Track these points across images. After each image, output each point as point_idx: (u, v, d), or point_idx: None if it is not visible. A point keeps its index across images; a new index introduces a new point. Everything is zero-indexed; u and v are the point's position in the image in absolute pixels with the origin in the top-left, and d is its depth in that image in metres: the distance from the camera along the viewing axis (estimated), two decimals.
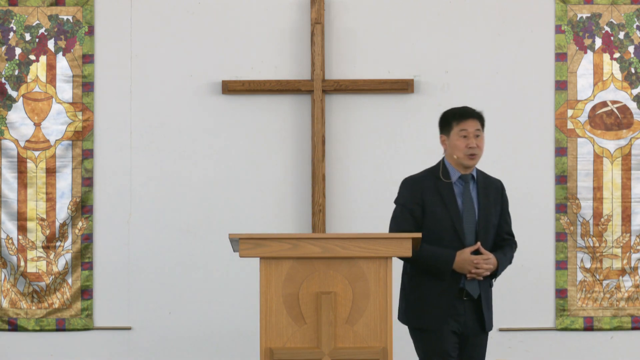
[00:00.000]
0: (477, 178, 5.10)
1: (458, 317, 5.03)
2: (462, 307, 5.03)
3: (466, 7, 6.80)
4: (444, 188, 5.04)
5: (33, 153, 6.77)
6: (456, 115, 5.08)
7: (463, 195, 5.05)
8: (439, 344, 5.04)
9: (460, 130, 5.03)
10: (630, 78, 6.78)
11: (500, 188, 5.19)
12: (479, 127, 5.06)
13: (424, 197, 5.07)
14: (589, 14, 6.78)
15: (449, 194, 5.04)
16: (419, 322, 5.10)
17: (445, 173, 5.08)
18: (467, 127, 5.03)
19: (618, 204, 6.75)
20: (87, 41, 6.79)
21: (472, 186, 5.09)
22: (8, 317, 6.75)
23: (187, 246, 6.74)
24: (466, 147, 5.02)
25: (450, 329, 5.02)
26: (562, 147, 6.76)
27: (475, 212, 5.04)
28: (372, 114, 6.78)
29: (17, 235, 6.76)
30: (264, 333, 4.65)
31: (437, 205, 5.02)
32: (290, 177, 6.78)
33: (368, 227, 6.68)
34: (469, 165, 5.06)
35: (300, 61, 6.79)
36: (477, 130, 5.04)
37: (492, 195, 5.10)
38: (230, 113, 6.79)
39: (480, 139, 5.04)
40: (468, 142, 5.01)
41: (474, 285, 5.03)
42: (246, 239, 4.67)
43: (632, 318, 6.74)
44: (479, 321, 5.06)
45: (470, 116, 5.06)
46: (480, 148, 5.04)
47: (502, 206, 5.15)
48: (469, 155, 5.02)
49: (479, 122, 5.07)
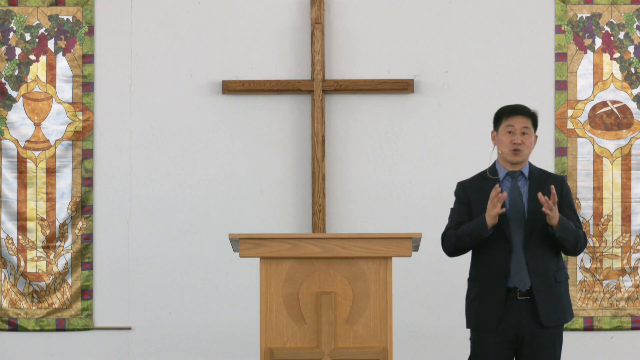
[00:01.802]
0: (530, 174, 5.04)
1: (509, 317, 4.94)
2: (512, 306, 4.93)
3: (466, 7, 6.80)
4: (489, 186, 4.98)
5: (33, 153, 6.77)
6: (506, 111, 5.06)
7: (511, 192, 4.99)
8: (478, 348, 5.01)
9: (507, 126, 5.01)
10: (630, 78, 6.78)
11: (560, 182, 5.06)
12: (528, 124, 5.01)
13: (470, 196, 5.04)
14: (589, 14, 6.78)
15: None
16: (469, 322, 5.07)
17: (492, 171, 5.06)
18: (515, 122, 5.00)
19: (618, 204, 6.75)
20: (87, 41, 6.79)
21: (523, 182, 5.02)
22: (8, 317, 6.75)
23: (187, 246, 6.74)
24: (511, 143, 4.98)
25: (494, 336, 4.94)
26: (562, 147, 6.76)
27: (524, 208, 4.96)
28: (372, 114, 6.78)
29: (17, 235, 6.76)
30: (264, 333, 4.65)
31: (482, 203, 4.95)
32: (290, 177, 6.78)
33: (368, 227, 6.69)
34: (513, 161, 5.01)
35: (300, 61, 6.79)
36: (524, 128, 5.00)
37: (549, 190, 4.95)
38: (230, 113, 6.79)
39: (527, 137, 4.99)
40: (513, 137, 4.98)
41: (521, 278, 4.92)
42: (246, 239, 4.67)
43: (632, 318, 6.74)
44: (533, 317, 4.94)
45: (520, 113, 5.03)
46: (526, 145, 4.98)
47: (561, 199, 5.00)
48: (513, 151, 4.98)
49: (530, 119, 5.03)
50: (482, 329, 5.00)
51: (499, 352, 4.97)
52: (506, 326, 4.95)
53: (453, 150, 6.75)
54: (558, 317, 4.99)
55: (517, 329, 4.95)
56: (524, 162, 5.05)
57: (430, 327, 6.67)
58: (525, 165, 5.06)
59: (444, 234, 5.10)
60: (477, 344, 5.03)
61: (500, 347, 4.97)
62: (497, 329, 4.95)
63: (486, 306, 4.97)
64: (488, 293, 4.97)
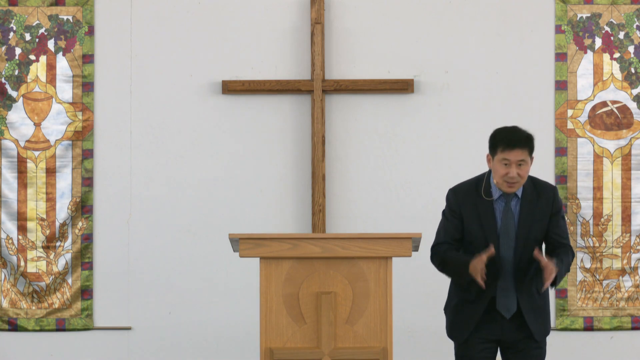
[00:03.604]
0: (523, 193, 4.92)
1: (493, 325, 4.92)
2: (497, 318, 4.91)
3: (466, 7, 6.80)
4: (482, 206, 4.91)
5: (33, 153, 6.77)
6: (503, 141, 4.86)
7: (503, 214, 4.91)
8: (463, 350, 4.99)
9: (503, 159, 4.84)
10: (630, 78, 6.78)
11: (552, 198, 4.96)
12: (525, 156, 4.84)
13: (463, 211, 4.94)
14: (589, 14, 6.78)
15: (487, 213, 4.91)
16: (450, 332, 5.06)
17: (487, 190, 4.94)
18: (511, 157, 4.82)
19: (618, 204, 6.75)
20: (87, 41, 6.79)
21: (516, 202, 4.92)
22: (8, 317, 6.75)
23: (187, 246, 6.74)
24: (505, 175, 4.84)
25: (479, 336, 4.93)
26: (562, 147, 6.76)
27: (514, 230, 4.90)
28: (372, 114, 6.78)
29: (17, 235, 6.76)
30: (264, 333, 4.65)
31: (474, 223, 4.91)
32: (290, 177, 6.78)
33: (368, 227, 6.69)
34: (507, 192, 4.90)
35: (300, 61, 6.79)
36: (520, 161, 4.83)
37: (541, 208, 4.92)
38: (230, 113, 6.79)
39: (522, 168, 4.84)
40: (509, 170, 4.83)
41: (507, 302, 4.89)
42: (246, 239, 4.67)
43: (632, 318, 6.74)
44: (520, 329, 4.92)
45: (516, 146, 4.84)
46: (522, 176, 4.84)
47: (551, 217, 4.94)
48: (507, 184, 4.85)
49: (527, 150, 4.86)
50: (456, 339, 5.01)
51: (483, 352, 4.96)
52: (490, 332, 4.94)
53: (453, 151, 6.75)
54: (546, 328, 4.99)
55: (502, 336, 4.94)
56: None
57: (430, 327, 6.67)
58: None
59: (433, 251, 5.03)
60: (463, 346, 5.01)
61: (484, 346, 4.96)
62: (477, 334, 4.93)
63: (465, 318, 4.96)
64: (467, 310, 4.95)
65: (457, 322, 4.99)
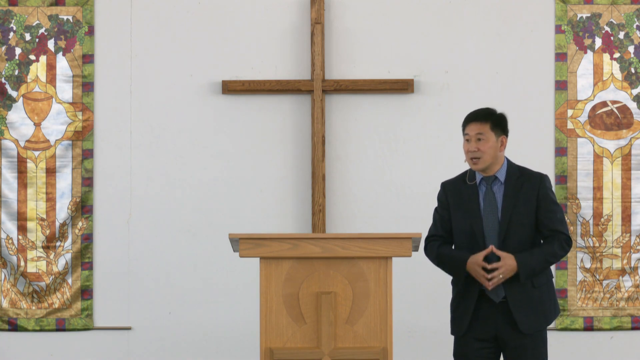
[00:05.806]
0: (506, 177, 4.95)
1: (485, 321, 4.95)
2: (488, 311, 4.93)
3: (466, 7, 6.80)
4: (466, 191, 4.98)
5: (33, 153, 6.77)
6: (465, 119, 5.00)
7: (485, 197, 4.95)
8: (459, 347, 5.02)
9: (464, 135, 4.96)
10: (630, 78, 6.78)
11: (537, 183, 4.95)
12: (483, 129, 4.90)
13: (449, 200, 5.02)
14: (589, 14, 6.78)
15: (470, 197, 4.96)
16: (451, 328, 5.07)
17: (471, 175, 5.00)
18: (469, 131, 4.94)
19: (618, 204, 6.75)
20: (87, 41, 6.79)
21: (498, 187, 4.95)
22: (8, 317, 6.75)
23: (187, 246, 6.74)
24: (467, 152, 4.94)
25: (474, 335, 4.95)
26: (562, 147, 6.76)
27: (498, 214, 4.92)
28: (372, 114, 6.78)
29: (17, 235, 6.76)
30: (264, 333, 4.65)
31: (459, 209, 4.97)
32: (290, 177, 6.78)
33: (368, 227, 6.69)
34: (475, 170, 4.97)
35: (300, 61, 6.79)
36: (478, 134, 4.90)
37: (526, 192, 4.93)
38: (230, 113, 6.79)
39: (482, 142, 4.89)
40: (469, 146, 4.93)
41: (494, 289, 4.89)
42: (246, 239, 4.67)
43: (632, 318, 6.74)
44: (510, 324, 4.92)
45: (473, 119, 4.95)
46: (482, 151, 4.89)
47: (537, 202, 4.93)
48: (471, 159, 4.93)
49: (487, 123, 4.92)
50: (455, 334, 5.03)
51: (480, 351, 4.97)
52: (484, 329, 4.95)
53: (453, 150, 6.74)
54: (539, 322, 4.94)
55: (496, 332, 4.95)
56: (489, 168, 4.96)
57: (430, 327, 6.67)
58: (501, 168, 4.98)
59: (427, 242, 5.09)
60: (459, 344, 5.03)
61: (481, 345, 4.97)
62: (472, 332, 4.95)
63: (460, 312, 4.99)
64: (462, 300, 4.99)
65: (455, 317, 5.04)
